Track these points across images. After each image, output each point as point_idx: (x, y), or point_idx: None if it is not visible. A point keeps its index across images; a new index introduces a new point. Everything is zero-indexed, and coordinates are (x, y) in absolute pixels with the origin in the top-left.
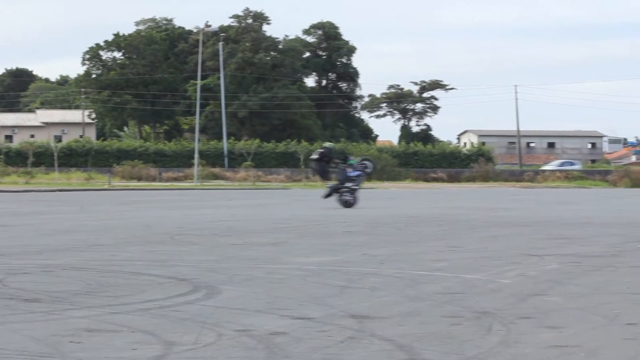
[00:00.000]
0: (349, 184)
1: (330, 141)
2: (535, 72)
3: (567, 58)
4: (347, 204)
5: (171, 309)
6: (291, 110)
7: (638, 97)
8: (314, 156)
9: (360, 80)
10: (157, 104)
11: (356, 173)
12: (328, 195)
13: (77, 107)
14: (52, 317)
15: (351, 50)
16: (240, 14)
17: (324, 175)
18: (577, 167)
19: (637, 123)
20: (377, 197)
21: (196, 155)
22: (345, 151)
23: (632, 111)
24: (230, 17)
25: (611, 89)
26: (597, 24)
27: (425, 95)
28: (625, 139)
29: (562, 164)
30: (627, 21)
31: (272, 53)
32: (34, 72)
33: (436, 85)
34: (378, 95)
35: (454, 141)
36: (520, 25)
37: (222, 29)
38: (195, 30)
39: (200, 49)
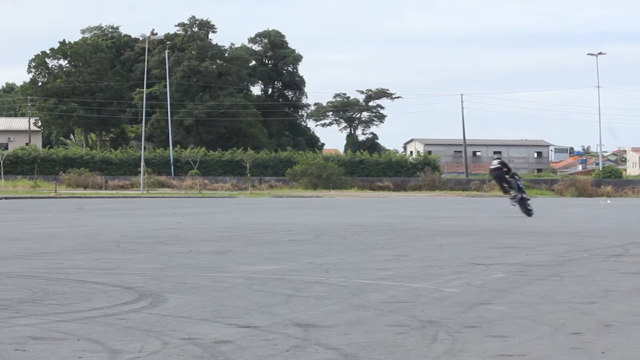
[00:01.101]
0: (524, 195)
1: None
2: (481, 81)
3: (513, 67)
4: (531, 213)
5: (117, 317)
6: (237, 119)
7: (583, 106)
8: (495, 165)
9: (306, 89)
10: (103, 112)
11: (521, 183)
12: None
13: (23, 115)
14: None
15: (297, 58)
16: (186, 22)
17: (504, 184)
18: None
19: (582, 132)
20: (323, 205)
21: (142, 163)
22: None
23: (578, 120)
24: (177, 25)
25: (556, 97)
26: (542, 33)
27: (371, 103)
28: (571, 148)
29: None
30: (571, 31)
31: (218, 61)
32: None
33: (382, 94)
34: (324, 104)
35: (400, 150)
36: (466, 34)
37: (168, 37)
38: (141, 39)
39: (146, 57)
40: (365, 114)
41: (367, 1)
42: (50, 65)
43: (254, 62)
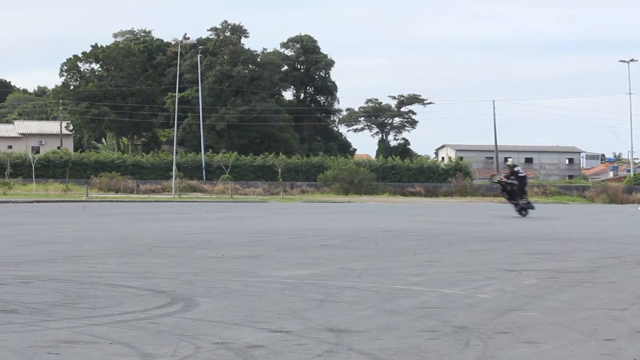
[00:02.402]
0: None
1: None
2: (513, 88)
3: (545, 73)
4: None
5: (149, 321)
6: (269, 124)
7: (615, 113)
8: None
9: (338, 94)
10: (135, 116)
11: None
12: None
13: (55, 119)
14: (30, 328)
15: (329, 63)
16: (219, 26)
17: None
18: None
19: (614, 138)
20: (355, 211)
21: (174, 168)
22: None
23: (609, 127)
24: (209, 30)
25: (588, 104)
26: (574, 39)
27: (403, 109)
28: (603, 155)
29: None
30: (602, 38)
31: (250, 66)
32: (12, 83)
33: (414, 99)
34: (356, 109)
35: (432, 156)
36: (498, 40)
37: (201, 41)
38: (173, 43)
39: (178, 62)
40: (397, 120)
41: (400, 6)
42: (82, 69)
43: (286, 67)
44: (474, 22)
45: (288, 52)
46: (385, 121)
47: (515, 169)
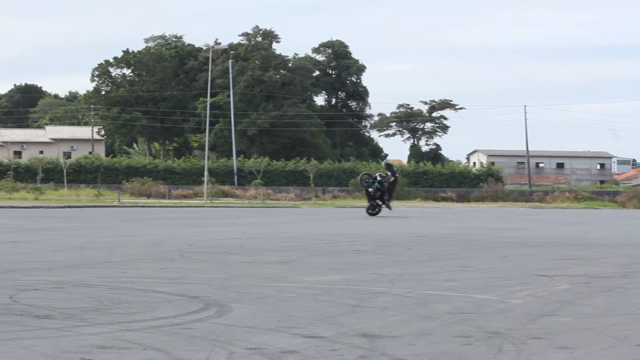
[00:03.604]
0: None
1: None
2: (545, 93)
3: (576, 78)
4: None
5: (182, 327)
6: (301, 129)
7: None
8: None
9: (369, 99)
10: (166, 121)
11: (372, 189)
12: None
13: (86, 124)
14: (63, 333)
15: (361, 69)
16: (250, 32)
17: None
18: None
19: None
20: (386, 216)
21: (206, 173)
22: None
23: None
24: (240, 35)
25: (620, 109)
26: (605, 45)
27: (434, 114)
28: (634, 160)
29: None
30: (635, 43)
31: (281, 71)
32: (43, 88)
33: (446, 104)
34: (387, 114)
35: (463, 161)
36: (530, 45)
37: (232, 46)
38: (204, 48)
39: (210, 67)
40: (428, 125)
41: (431, 12)
42: (113, 74)
43: (317, 72)
44: (506, 27)
45: (319, 57)
46: (417, 126)
47: (394, 168)
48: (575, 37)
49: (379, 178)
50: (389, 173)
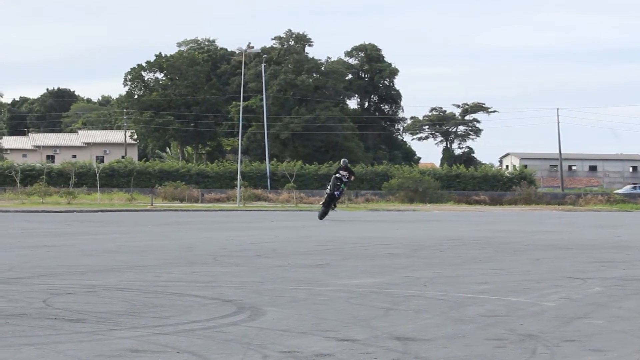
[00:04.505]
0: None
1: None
2: (577, 95)
3: (609, 81)
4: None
5: (215, 330)
6: (333, 132)
7: None
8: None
9: (402, 103)
10: (199, 125)
11: (338, 191)
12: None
13: (119, 128)
14: (96, 337)
15: (393, 72)
16: (283, 35)
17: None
18: None
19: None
20: (419, 219)
21: (239, 177)
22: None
23: None
24: (273, 39)
25: None
26: (635, 48)
27: (467, 117)
28: None
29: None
30: None
31: (314, 75)
32: (76, 93)
33: (478, 107)
34: (420, 118)
35: (496, 164)
36: (563, 48)
37: (265, 50)
38: (237, 52)
39: (242, 70)
40: (461, 128)
41: (463, 15)
42: (146, 78)
43: (350, 76)
44: (538, 30)
45: (352, 61)
46: (450, 129)
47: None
48: (608, 39)
49: (344, 180)
50: (345, 173)
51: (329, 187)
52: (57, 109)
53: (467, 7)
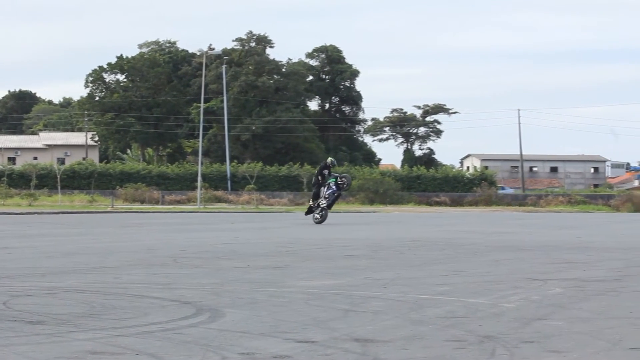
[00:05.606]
0: (322, 202)
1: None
2: (539, 97)
3: (570, 82)
4: (316, 221)
5: (175, 332)
6: (294, 134)
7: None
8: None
9: (363, 104)
10: (160, 127)
11: (330, 191)
12: (307, 213)
13: (80, 130)
14: (56, 339)
15: (354, 73)
16: (244, 37)
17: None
18: None
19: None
20: (380, 220)
21: (199, 178)
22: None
23: (635, 135)
24: (234, 41)
25: (613, 112)
26: (599, 49)
27: (428, 119)
28: (628, 164)
29: None
30: (628, 47)
31: (275, 76)
32: (37, 94)
33: (439, 109)
34: (381, 119)
35: (457, 165)
36: (524, 49)
37: (226, 52)
38: (198, 53)
39: (203, 72)
40: (422, 129)
41: (424, 16)
42: (107, 80)
43: (311, 77)
44: (499, 31)
45: (313, 62)
46: (410, 131)
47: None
48: (570, 41)
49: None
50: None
51: (332, 187)
52: (18, 110)
53: (428, 8)
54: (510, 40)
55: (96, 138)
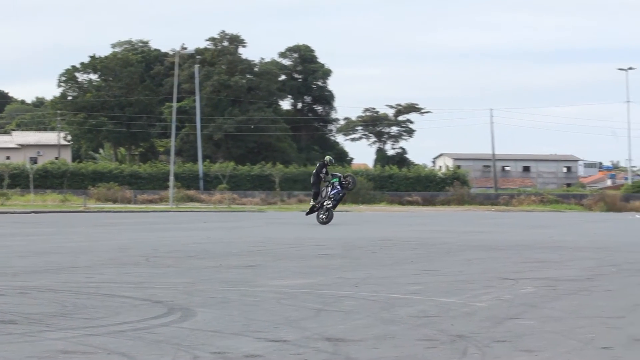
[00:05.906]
0: (327, 203)
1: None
2: (511, 96)
3: (543, 82)
4: (322, 222)
5: (146, 331)
6: (266, 133)
7: (613, 121)
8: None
9: (335, 103)
10: (132, 126)
11: (335, 191)
12: (309, 213)
13: (52, 129)
14: (28, 338)
15: (327, 73)
16: (216, 36)
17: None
18: None
19: (611, 147)
20: (352, 220)
21: (171, 178)
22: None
23: (607, 135)
24: (206, 40)
25: (586, 112)
26: (572, 49)
27: (400, 118)
28: (600, 163)
29: None
30: (601, 46)
31: (247, 76)
32: (10, 94)
33: (412, 108)
34: (353, 119)
35: (430, 164)
36: (496, 49)
37: (198, 51)
38: (171, 53)
39: (176, 72)
40: (394, 129)
41: (397, 16)
42: (80, 80)
43: (283, 77)
44: (472, 31)
45: (286, 62)
46: (383, 130)
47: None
48: (542, 40)
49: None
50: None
51: (337, 186)
52: None
53: (401, 8)
54: (483, 40)
55: (69, 137)
